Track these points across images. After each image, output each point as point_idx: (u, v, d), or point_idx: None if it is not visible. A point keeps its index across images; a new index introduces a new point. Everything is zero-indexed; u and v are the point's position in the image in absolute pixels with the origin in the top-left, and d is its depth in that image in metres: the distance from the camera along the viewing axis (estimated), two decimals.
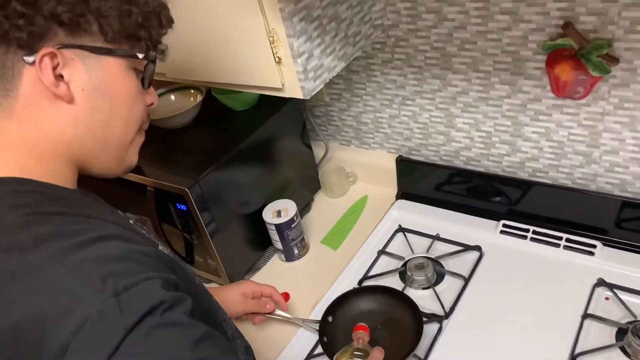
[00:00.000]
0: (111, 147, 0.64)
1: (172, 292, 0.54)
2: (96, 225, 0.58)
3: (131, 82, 0.62)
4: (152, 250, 0.59)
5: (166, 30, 0.65)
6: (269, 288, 1.01)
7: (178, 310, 0.53)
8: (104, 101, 0.60)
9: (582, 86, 0.91)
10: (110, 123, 0.62)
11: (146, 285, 0.52)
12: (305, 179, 1.32)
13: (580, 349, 0.87)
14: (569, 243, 1.04)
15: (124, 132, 0.64)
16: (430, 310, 0.99)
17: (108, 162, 0.65)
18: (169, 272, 0.58)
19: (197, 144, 1.15)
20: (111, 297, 0.49)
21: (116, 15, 0.58)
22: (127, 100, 0.62)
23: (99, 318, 0.48)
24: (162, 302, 0.51)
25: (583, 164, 1.02)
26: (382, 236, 1.19)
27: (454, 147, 1.17)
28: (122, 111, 0.62)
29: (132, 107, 0.63)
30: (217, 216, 1.05)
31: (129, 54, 0.61)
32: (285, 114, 1.20)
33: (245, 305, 0.99)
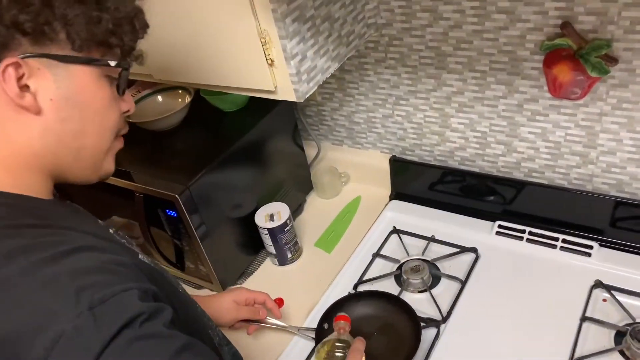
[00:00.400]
0: (85, 157, 0.62)
1: (150, 303, 0.53)
2: (71, 237, 0.56)
3: (103, 91, 0.60)
4: (129, 260, 0.58)
5: (141, 36, 0.63)
6: (262, 295, 0.99)
7: (157, 322, 0.52)
8: (74, 111, 0.58)
9: (580, 87, 0.89)
10: (82, 133, 0.60)
11: (122, 297, 0.51)
12: (298, 179, 1.30)
13: (580, 353, 0.86)
14: (565, 244, 1.03)
15: (98, 141, 0.62)
16: (427, 315, 0.98)
17: (83, 171, 0.64)
18: (147, 282, 0.57)
19: (186, 147, 1.12)
20: (86, 311, 0.48)
21: (84, 23, 0.55)
22: (99, 109, 0.60)
23: (74, 333, 0.47)
24: (140, 313, 0.51)
25: (580, 164, 1.01)
26: (376, 238, 1.17)
27: (448, 147, 1.16)
28: (94, 121, 0.60)
29: (106, 116, 0.62)
30: (208, 221, 1.02)
31: (99, 62, 0.59)
32: (276, 114, 1.17)
33: (238, 312, 0.97)
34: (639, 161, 0.95)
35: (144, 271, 0.59)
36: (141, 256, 0.66)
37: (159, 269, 0.69)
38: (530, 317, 0.93)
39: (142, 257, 0.66)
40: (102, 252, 0.56)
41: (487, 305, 0.98)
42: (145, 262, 0.65)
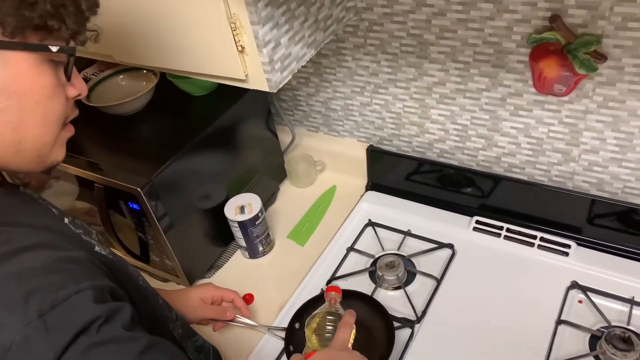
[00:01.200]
0: (28, 149, 0.56)
1: (106, 304, 0.49)
2: (18, 234, 0.52)
3: (45, 78, 0.54)
4: (83, 255, 0.54)
5: (88, 16, 0.56)
6: (231, 293, 0.94)
7: (115, 324, 0.49)
8: (10, 102, 0.52)
9: (566, 83, 0.86)
10: (22, 124, 0.54)
11: (75, 300, 0.47)
12: (271, 167, 1.24)
13: (555, 358, 0.84)
14: (543, 242, 1.01)
15: (40, 133, 0.56)
16: (402, 314, 0.95)
17: (27, 163, 0.58)
18: (103, 278, 0.53)
19: (151, 134, 1.05)
20: (36, 319, 0.44)
21: (14, 6, 0.49)
22: (40, 99, 0.54)
23: (24, 344, 0.43)
24: (96, 317, 0.47)
25: (561, 161, 0.98)
26: (351, 231, 1.14)
27: (427, 138, 1.12)
28: (35, 111, 0.54)
29: (48, 106, 0.56)
30: (174, 213, 0.97)
31: (37, 47, 0.53)
32: (248, 99, 1.10)
33: (204, 311, 0.93)
34: (621, 161, 0.92)
35: (99, 265, 0.55)
36: (97, 248, 0.62)
37: (117, 261, 0.65)
38: (505, 318, 0.91)
39: (98, 249, 0.62)
40: (52, 249, 0.51)
41: (462, 305, 0.95)
42: (102, 254, 0.61)
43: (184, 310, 0.91)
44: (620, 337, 0.83)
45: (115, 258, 0.65)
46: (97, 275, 0.53)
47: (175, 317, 0.79)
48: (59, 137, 0.59)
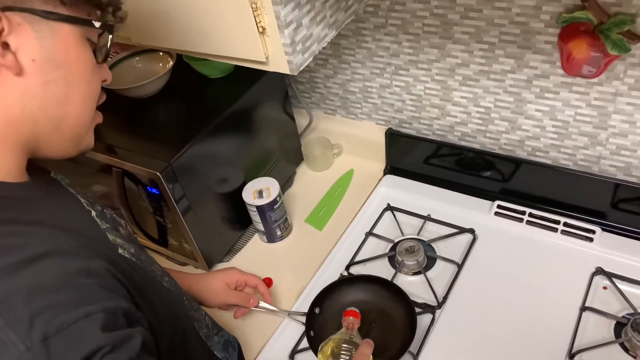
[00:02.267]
0: (67, 127, 0.56)
1: (115, 332, 0.47)
2: (37, 236, 0.50)
3: (87, 54, 0.55)
4: (102, 266, 0.51)
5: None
6: (255, 279, 0.94)
7: (121, 355, 0.46)
8: (58, 74, 0.52)
9: (597, 64, 0.83)
10: (66, 99, 0.54)
11: (84, 325, 0.45)
12: (288, 151, 1.23)
13: (578, 345, 0.83)
14: (567, 228, 0.99)
15: (81, 109, 0.56)
16: (422, 299, 0.94)
17: (63, 144, 0.57)
18: (118, 298, 0.50)
19: (168, 117, 1.04)
20: (38, 342, 0.42)
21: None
22: (84, 74, 0.55)
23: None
24: (102, 346, 0.45)
25: (587, 145, 0.96)
26: (369, 215, 1.12)
27: (448, 121, 1.09)
28: (79, 87, 0.55)
29: (91, 82, 0.56)
30: (192, 197, 0.96)
31: (85, 22, 0.53)
32: (265, 81, 1.08)
33: (227, 295, 0.92)
34: None
35: (118, 276, 0.53)
36: (121, 250, 0.60)
37: (141, 262, 0.62)
38: (528, 305, 0.90)
39: (121, 251, 0.60)
40: (70, 257, 0.49)
41: (484, 290, 0.94)
42: (124, 256, 0.59)
43: (206, 294, 0.90)
44: None
45: (140, 259, 0.63)
46: (112, 294, 0.50)
47: (202, 315, 0.78)
48: (92, 119, 0.59)
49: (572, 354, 0.82)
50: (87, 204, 0.64)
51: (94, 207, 0.64)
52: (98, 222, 0.62)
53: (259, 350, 0.92)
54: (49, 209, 0.56)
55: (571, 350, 0.83)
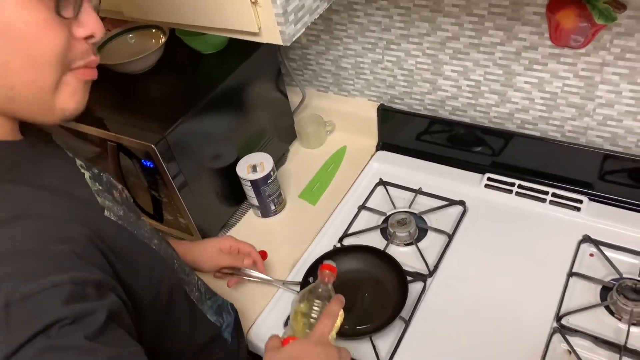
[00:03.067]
0: (22, 95, 0.51)
1: (78, 305, 0.46)
2: (18, 195, 0.49)
3: (30, 12, 0.47)
4: (81, 232, 0.50)
5: None
6: (248, 246, 0.95)
7: (78, 330, 0.45)
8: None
9: (584, 34, 0.84)
10: (6, 67, 0.48)
11: (48, 295, 0.44)
12: (281, 128, 1.24)
13: (566, 308, 0.86)
14: (555, 198, 1.01)
15: (32, 76, 0.50)
16: (414, 269, 0.96)
17: (29, 112, 0.53)
18: (90, 268, 0.49)
19: (161, 92, 1.05)
20: (1, 308, 0.42)
21: None
22: (25, 37, 0.47)
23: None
24: (61, 318, 0.44)
25: (575, 116, 0.98)
26: (362, 190, 1.14)
27: (439, 96, 1.11)
28: (19, 50, 0.48)
29: (38, 43, 0.48)
30: (187, 172, 0.97)
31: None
32: (258, 57, 1.09)
33: (220, 258, 0.94)
34: (636, 114, 0.91)
35: (102, 236, 0.53)
36: (107, 212, 0.59)
37: (128, 225, 0.62)
38: (517, 272, 0.92)
39: (108, 213, 0.59)
40: (48, 221, 0.49)
41: (474, 259, 0.96)
42: (110, 219, 0.59)
43: (200, 258, 0.92)
44: (631, 288, 0.84)
45: (128, 221, 0.62)
46: (85, 264, 0.49)
47: (194, 279, 0.79)
48: (62, 81, 0.52)
49: (560, 317, 0.84)
50: (82, 166, 0.64)
51: (90, 169, 0.64)
52: (89, 183, 0.61)
53: (254, 319, 0.93)
54: (36, 169, 0.55)
55: (559, 313, 0.85)
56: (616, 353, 0.79)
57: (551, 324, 0.84)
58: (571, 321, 0.84)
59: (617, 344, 0.79)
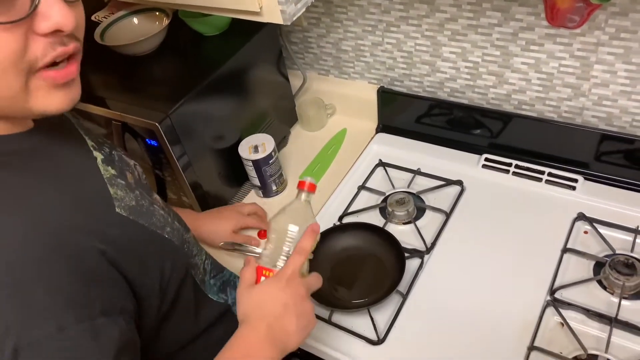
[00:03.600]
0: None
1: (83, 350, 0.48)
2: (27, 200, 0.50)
3: None
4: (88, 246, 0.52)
5: None
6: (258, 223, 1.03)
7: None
8: None
9: (579, 14, 0.86)
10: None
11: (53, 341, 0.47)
12: (282, 111, 1.26)
13: (560, 283, 0.88)
14: (551, 177, 1.03)
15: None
16: (412, 246, 0.98)
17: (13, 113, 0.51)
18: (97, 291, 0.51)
19: (164, 73, 1.07)
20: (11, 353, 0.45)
21: None
22: None
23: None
24: None
25: (571, 96, 0.99)
26: (362, 171, 1.16)
27: (438, 77, 1.12)
28: None
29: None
30: (190, 151, 0.99)
31: None
32: (260, 40, 1.11)
33: (232, 238, 1.01)
34: (630, 94, 0.93)
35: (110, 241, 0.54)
36: (118, 208, 0.59)
37: (139, 217, 0.62)
38: (513, 248, 0.95)
39: (119, 209, 0.59)
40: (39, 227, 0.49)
41: (471, 236, 0.98)
42: (122, 215, 0.59)
43: (211, 237, 0.99)
44: (623, 263, 0.86)
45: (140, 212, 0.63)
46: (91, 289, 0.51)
47: (201, 259, 0.81)
48: (30, 87, 0.48)
49: (553, 290, 0.87)
50: (94, 147, 0.64)
51: (102, 149, 0.64)
52: (101, 169, 0.61)
53: None
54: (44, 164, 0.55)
55: (552, 287, 0.87)
56: (607, 325, 0.81)
57: (545, 297, 0.86)
58: (564, 295, 0.87)
59: (609, 316, 0.82)
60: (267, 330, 0.63)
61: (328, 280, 0.95)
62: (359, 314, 0.89)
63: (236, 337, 0.63)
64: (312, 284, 0.70)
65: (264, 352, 0.62)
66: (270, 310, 0.64)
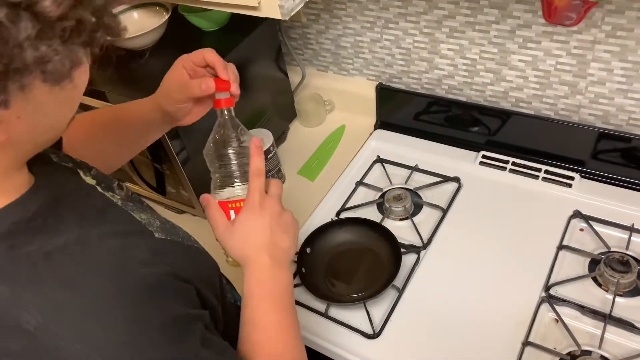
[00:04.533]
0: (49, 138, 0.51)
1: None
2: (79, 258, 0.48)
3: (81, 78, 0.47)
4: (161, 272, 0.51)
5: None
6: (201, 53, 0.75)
7: None
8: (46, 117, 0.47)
9: (576, 11, 0.86)
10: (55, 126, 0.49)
11: None
12: (281, 106, 1.26)
13: (554, 279, 0.88)
14: (547, 175, 1.04)
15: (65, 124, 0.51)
16: (408, 241, 0.99)
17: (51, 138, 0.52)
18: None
19: (163, 68, 1.06)
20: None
21: None
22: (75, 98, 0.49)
23: None
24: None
25: (568, 94, 1.00)
26: (360, 167, 1.17)
27: (436, 74, 1.13)
28: (67, 111, 0.50)
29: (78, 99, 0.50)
30: (189, 145, 1.00)
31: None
32: (259, 35, 1.11)
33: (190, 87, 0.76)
34: (627, 92, 0.94)
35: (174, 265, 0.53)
36: (155, 233, 0.56)
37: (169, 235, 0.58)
38: (508, 245, 0.95)
39: (157, 233, 0.57)
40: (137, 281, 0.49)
41: (467, 233, 0.99)
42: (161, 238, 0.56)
43: (166, 95, 0.80)
44: (618, 260, 0.87)
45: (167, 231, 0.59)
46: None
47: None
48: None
49: (548, 287, 0.87)
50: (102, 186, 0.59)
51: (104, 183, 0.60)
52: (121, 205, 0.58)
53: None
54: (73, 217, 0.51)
55: (547, 284, 0.88)
56: (601, 321, 0.82)
57: (540, 293, 0.87)
58: (559, 292, 0.87)
59: (603, 313, 0.82)
60: (269, 259, 0.64)
61: (325, 275, 0.95)
62: (355, 308, 0.90)
63: (249, 282, 0.63)
64: (278, 193, 0.70)
65: (280, 280, 0.64)
66: (261, 240, 0.64)
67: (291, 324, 0.64)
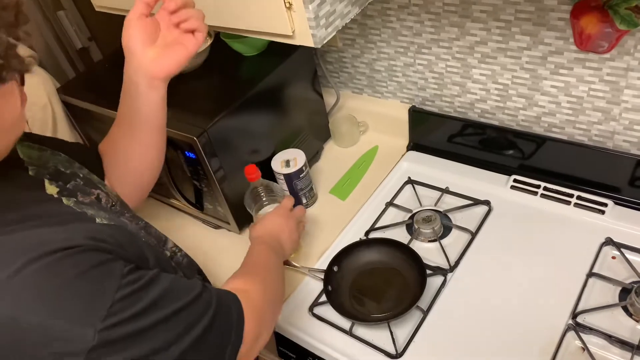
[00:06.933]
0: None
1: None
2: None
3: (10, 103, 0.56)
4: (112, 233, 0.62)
5: None
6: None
7: None
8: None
9: (608, 40, 0.87)
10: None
11: None
12: (316, 127, 1.31)
13: (583, 307, 0.87)
14: (580, 201, 1.03)
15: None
16: (435, 263, 1.00)
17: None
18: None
19: (205, 90, 1.13)
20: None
21: None
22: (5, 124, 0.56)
23: None
24: None
25: (601, 120, 0.99)
26: (390, 187, 1.19)
27: (469, 98, 1.14)
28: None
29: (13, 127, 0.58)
30: (226, 164, 1.05)
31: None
32: (296, 59, 1.16)
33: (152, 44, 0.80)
34: None
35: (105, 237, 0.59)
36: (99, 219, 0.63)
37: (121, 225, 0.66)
38: (537, 270, 0.95)
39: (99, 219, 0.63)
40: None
41: (496, 257, 0.99)
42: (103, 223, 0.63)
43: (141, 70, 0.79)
44: None
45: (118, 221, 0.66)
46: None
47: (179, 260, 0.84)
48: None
49: (576, 314, 0.86)
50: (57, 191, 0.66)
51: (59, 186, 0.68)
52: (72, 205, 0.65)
53: (283, 303, 1.00)
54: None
55: (575, 311, 0.87)
56: (629, 352, 0.80)
57: (566, 321, 0.86)
58: (587, 320, 0.86)
59: (632, 344, 0.81)
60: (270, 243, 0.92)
61: (350, 293, 0.98)
62: (380, 327, 0.92)
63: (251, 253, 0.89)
64: (299, 214, 1.02)
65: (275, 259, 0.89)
66: (272, 229, 0.96)
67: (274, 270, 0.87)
